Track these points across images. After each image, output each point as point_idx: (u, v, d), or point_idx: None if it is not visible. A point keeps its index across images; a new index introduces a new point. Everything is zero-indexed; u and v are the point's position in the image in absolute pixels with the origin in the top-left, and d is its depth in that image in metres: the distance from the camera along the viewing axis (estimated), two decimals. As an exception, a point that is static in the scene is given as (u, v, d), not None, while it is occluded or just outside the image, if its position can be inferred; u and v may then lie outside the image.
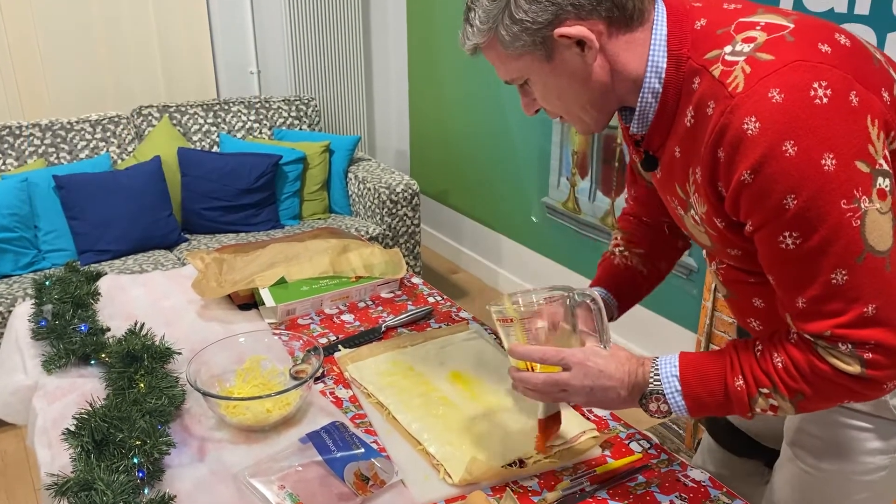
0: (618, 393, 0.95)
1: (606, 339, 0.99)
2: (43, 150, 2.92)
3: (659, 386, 0.93)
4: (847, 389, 0.85)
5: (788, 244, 0.81)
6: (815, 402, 0.87)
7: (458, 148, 3.66)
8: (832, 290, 0.80)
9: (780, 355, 0.87)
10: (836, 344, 0.82)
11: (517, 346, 0.98)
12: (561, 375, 0.95)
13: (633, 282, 1.21)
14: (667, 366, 0.93)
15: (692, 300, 2.52)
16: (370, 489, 1.02)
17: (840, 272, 0.79)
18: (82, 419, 1.02)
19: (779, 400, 0.87)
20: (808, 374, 0.85)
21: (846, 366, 0.82)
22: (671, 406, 0.93)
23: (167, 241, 2.90)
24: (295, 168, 3.12)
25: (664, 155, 0.95)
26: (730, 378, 0.89)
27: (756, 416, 0.90)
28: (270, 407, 1.16)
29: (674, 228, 1.22)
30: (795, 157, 0.76)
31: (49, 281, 1.52)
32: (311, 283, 1.57)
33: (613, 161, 2.72)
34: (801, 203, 0.78)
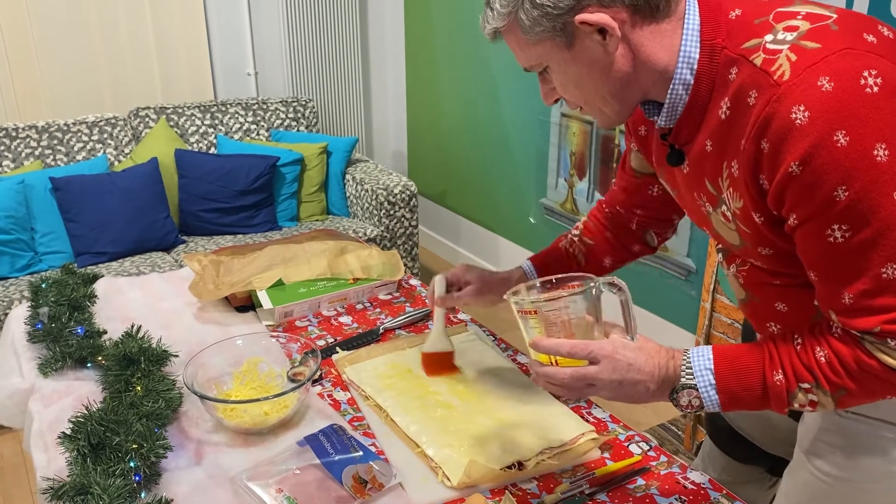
0: (647, 387, 0.91)
1: (634, 330, 0.94)
2: (39, 151, 2.91)
3: (692, 380, 0.89)
4: (893, 385, 0.82)
5: (837, 237, 0.78)
6: (857, 398, 0.84)
7: (455, 149, 3.66)
8: (882, 285, 0.78)
9: (823, 349, 0.84)
10: (885, 339, 0.79)
11: (542, 340, 0.92)
12: (588, 370, 0.90)
13: (561, 266, 1.22)
14: (700, 359, 0.89)
15: (691, 301, 2.52)
16: (368, 492, 1.02)
17: (891, 266, 0.76)
18: (78, 423, 1.01)
19: (819, 395, 0.84)
20: (853, 370, 0.82)
21: (894, 361, 0.80)
22: (703, 400, 0.89)
23: (164, 243, 2.89)
24: (292, 169, 3.12)
25: (693, 149, 0.91)
26: (769, 372, 0.86)
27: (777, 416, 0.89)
28: (268, 410, 1.16)
29: (641, 225, 1.23)
30: (847, 147, 0.74)
31: (45, 283, 1.51)
32: (308, 285, 1.57)
33: (612, 162, 2.71)
34: (852, 195, 0.75)
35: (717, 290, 2.17)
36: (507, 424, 1.15)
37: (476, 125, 3.46)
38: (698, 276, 2.47)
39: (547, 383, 0.93)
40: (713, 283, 2.17)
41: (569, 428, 1.14)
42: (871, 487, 0.97)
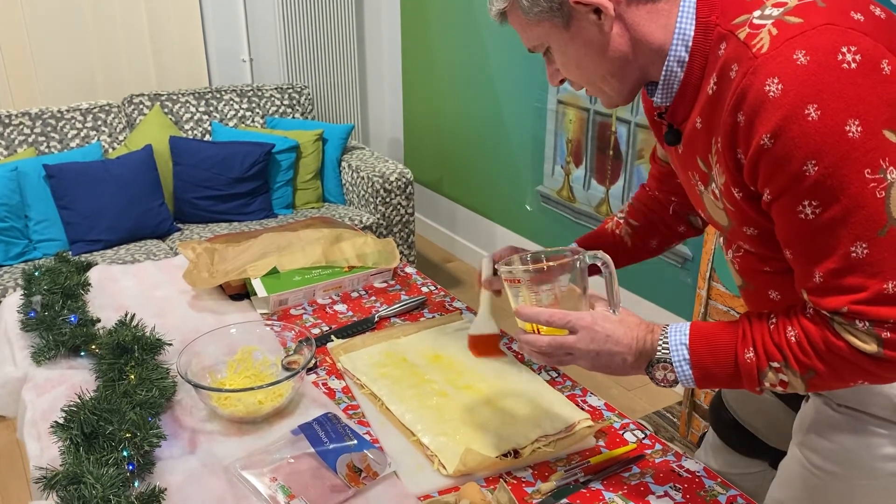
0: (624, 359, 0.92)
1: (616, 304, 0.96)
2: (33, 138, 2.89)
3: (667, 354, 0.90)
4: (862, 369, 0.82)
5: (807, 214, 0.78)
6: (827, 381, 0.84)
7: (452, 136, 3.64)
8: (851, 264, 0.77)
9: (794, 329, 0.84)
10: (853, 321, 0.79)
11: (524, 308, 0.95)
12: (567, 338, 0.93)
13: (611, 249, 1.20)
14: (677, 334, 0.90)
15: (686, 289, 2.52)
16: (363, 481, 1.02)
17: (860, 245, 0.76)
18: (71, 412, 1.01)
19: (789, 375, 0.84)
20: (822, 351, 0.82)
21: (863, 344, 0.79)
22: (678, 375, 0.90)
23: (159, 231, 2.88)
24: (288, 157, 3.10)
25: (687, 127, 0.91)
26: (740, 349, 0.86)
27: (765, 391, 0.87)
28: (262, 398, 1.15)
29: (678, 212, 1.21)
30: (818, 121, 0.73)
31: (38, 271, 1.50)
32: (303, 273, 1.56)
33: (608, 149, 2.70)
34: (821, 170, 0.75)
35: (714, 278, 2.17)
36: (503, 412, 1.15)
37: (473, 112, 3.44)
38: (694, 264, 2.47)
39: (530, 350, 0.96)
40: (709, 270, 2.17)
41: (564, 416, 1.13)
42: (860, 483, 0.97)
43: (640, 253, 1.24)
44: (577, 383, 1.27)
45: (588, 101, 2.75)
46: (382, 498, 1.00)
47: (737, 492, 1.01)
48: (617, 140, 2.66)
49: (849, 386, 0.87)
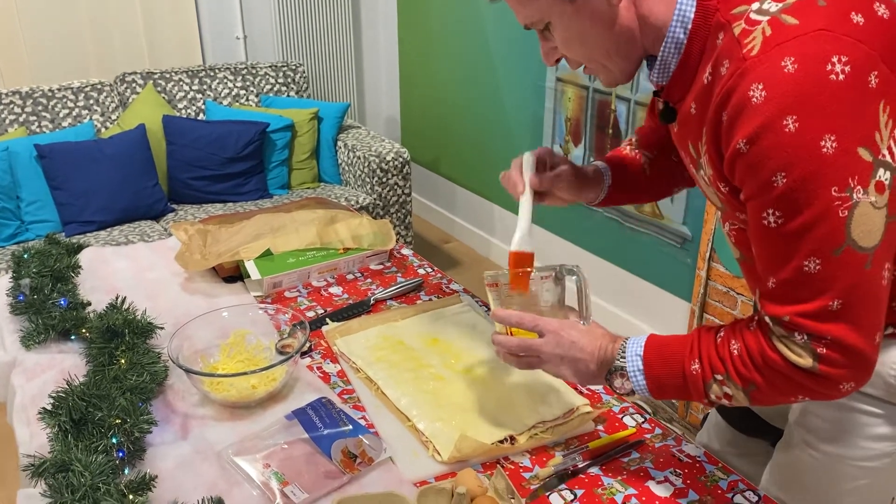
0: (587, 366, 0.95)
1: (587, 316, 1.01)
2: (24, 118, 2.84)
3: (623, 363, 0.93)
4: (798, 384, 0.82)
5: (770, 222, 0.78)
6: (767, 395, 0.85)
7: (449, 115, 3.60)
8: (802, 277, 0.78)
9: (736, 342, 0.85)
10: (792, 332, 0.80)
11: (497, 310, 1.01)
12: (534, 341, 0.97)
13: (635, 173, 1.18)
14: (634, 345, 0.93)
15: (686, 269, 2.50)
16: (358, 467, 1.00)
17: (814, 260, 0.77)
18: (59, 398, 0.99)
19: (732, 388, 0.86)
20: (759, 363, 0.83)
21: (797, 357, 0.80)
22: (633, 384, 0.93)
23: (153, 212, 2.85)
24: (283, 136, 3.06)
25: (682, 109, 0.91)
26: (687, 361, 0.88)
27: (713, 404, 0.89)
28: (256, 383, 1.13)
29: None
30: (794, 133, 0.73)
31: (27, 254, 1.47)
32: (297, 255, 1.53)
33: (607, 128, 2.67)
34: (789, 183, 0.74)
35: (714, 258, 2.15)
36: (500, 398, 1.13)
37: (470, 90, 3.40)
38: (694, 244, 2.44)
39: (502, 352, 1.01)
40: (709, 250, 2.15)
41: (563, 401, 1.12)
42: (855, 463, 0.98)
43: (654, 187, 1.21)
44: (575, 367, 1.25)
45: (587, 80, 2.71)
46: (378, 484, 0.98)
47: (738, 476, 1.00)
48: (616, 118, 2.62)
49: (790, 402, 0.88)
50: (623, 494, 0.97)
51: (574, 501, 0.96)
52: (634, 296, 2.73)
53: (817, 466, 1.01)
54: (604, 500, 0.96)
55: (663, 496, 0.97)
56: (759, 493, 0.97)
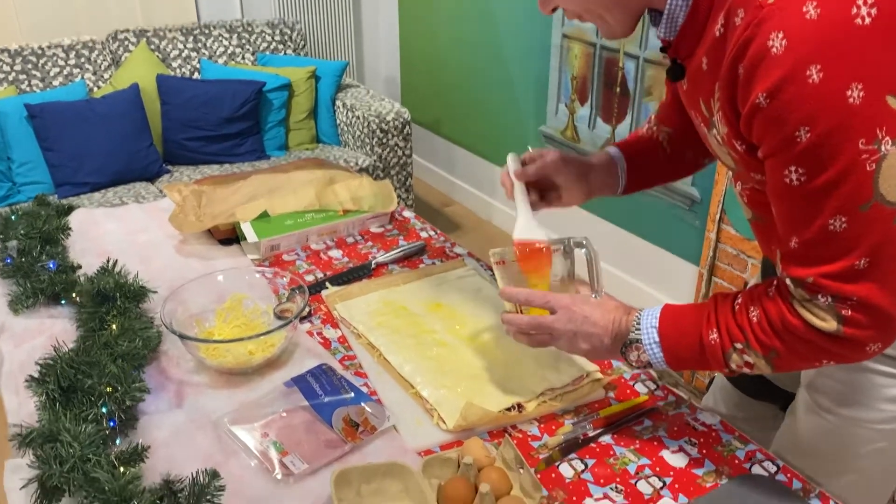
0: (601, 340, 0.93)
1: (599, 289, 0.98)
2: (13, 77, 2.76)
3: (639, 335, 0.90)
4: (820, 349, 0.79)
5: (793, 180, 0.74)
6: (790, 361, 0.82)
7: (451, 74, 3.51)
8: (827, 237, 0.74)
9: (755, 309, 0.82)
10: (815, 295, 0.77)
11: (506, 288, 0.98)
12: (545, 318, 0.94)
13: (651, 152, 1.14)
14: (648, 317, 0.90)
15: (694, 232, 2.45)
16: (360, 436, 0.96)
17: (839, 218, 0.72)
18: (47, 365, 0.94)
19: (752, 356, 0.83)
20: (779, 329, 0.80)
21: (820, 321, 0.77)
22: (650, 357, 0.90)
23: (148, 173, 2.79)
24: (279, 95, 2.98)
25: (692, 64, 0.86)
26: (705, 330, 0.85)
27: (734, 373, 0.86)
28: (253, 349, 1.09)
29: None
30: (819, 84, 0.68)
31: (15, 215, 1.42)
32: (295, 217, 1.48)
33: (615, 86, 2.59)
34: (813, 137, 0.70)
35: (724, 220, 2.10)
36: (507, 365, 1.09)
37: (473, 48, 3.30)
38: (703, 206, 2.39)
39: (512, 331, 0.98)
40: (719, 212, 2.10)
41: (572, 369, 1.07)
42: (871, 427, 0.96)
43: (678, 162, 1.16)
44: (584, 332, 1.20)
45: (594, 36, 2.63)
46: (381, 453, 0.94)
47: (756, 446, 0.96)
48: (625, 76, 2.54)
49: (814, 367, 0.85)
50: (636, 464, 0.93)
51: (585, 471, 0.92)
52: (641, 260, 2.69)
53: (831, 430, 0.99)
54: (616, 469, 0.92)
55: (678, 466, 0.93)
56: (778, 462, 0.93)
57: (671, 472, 0.92)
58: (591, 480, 0.91)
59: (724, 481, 0.90)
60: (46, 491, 0.80)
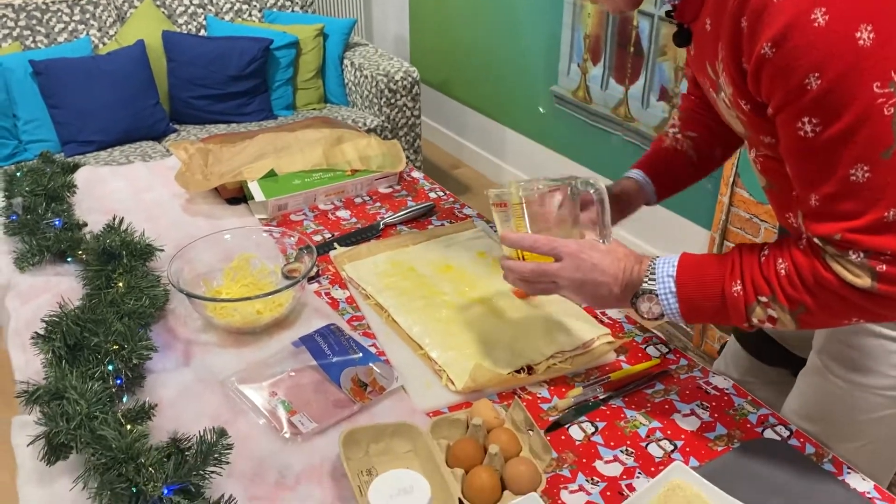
0: (610, 289, 0.88)
1: (607, 234, 0.92)
2: (17, 32, 2.72)
3: (653, 285, 0.85)
4: (854, 305, 0.75)
5: (807, 131, 0.70)
6: (818, 317, 0.78)
7: (461, 32, 3.44)
8: (849, 188, 0.71)
9: (784, 261, 0.78)
10: (846, 251, 0.73)
11: (508, 233, 0.92)
12: (550, 266, 0.89)
13: (678, 166, 1.12)
14: (664, 266, 0.85)
15: (707, 196, 2.41)
16: (368, 396, 0.95)
17: (861, 168, 0.69)
18: (52, 322, 0.94)
19: (777, 311, 0.79)
20: (810, 284, 0.76)
21: (854, 277, 0.73)
22: (663, 308, 0.85)
23: (155, 132, 2.76)
24: (287, 53, 2.93)
25: (697, 27, 0.83)
26: (728, 282, 0.81)
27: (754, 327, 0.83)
28: (261, 308, 1.08)
29: None
30: (825, 27, 0.65)
31: (20, 172, 1.40)
32: (303, 177, 1.46)
33: (629, 45, 2.53)
34: (824, 84, 0.67)
35: (737, 184, 2.06)
36: (517, 326, 1.08)
37: (483, 6, 3.23)
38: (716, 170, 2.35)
39: (513, 278, 0.93)
40: (733, 175, 2.06)
41: (582, 331, 1.06)
42: (883, 393, 0.94)
43: (706, 165, 1.15)
44: (595, 294, 1.19)
45: (608, -7, 2.56)
46: (389, 414, 0.94)
47: (768, 410, 0.95)
48: (639, 35, 2.48)
49: (843, 324, 0.81)
50: (647, 427, 0.92)
51: (595, 434, 0.91)
52: (653, 223, 2.65)
53: (843, 395, 0.97)
54: (626, 432, 0.92)
55: (689, 429, 0.92)
56: (791, 427, 0.92)
57: (682, 436, 0.91)
58: (602, 443, 0.90)
59: (736, 445, 0.89)
60: (53, 447, 0.80)
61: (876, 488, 0.84)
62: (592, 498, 0.83)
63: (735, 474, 0.83)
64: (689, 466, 0.81)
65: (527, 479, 0.80)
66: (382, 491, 0.59)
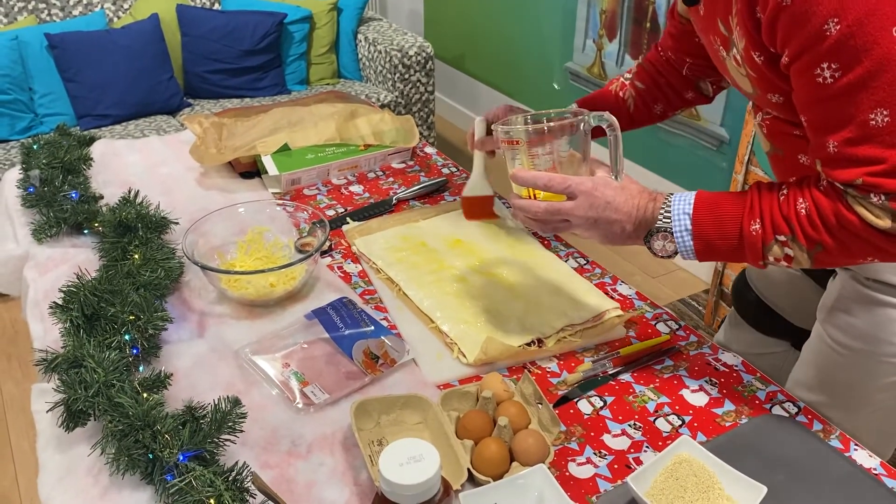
0: (623, 227, 0.87)
1: (619, 170, 0.89)
2: (33, 5, 2.73)
3: (668, 224, 0.85)
4: (872, 246, 0.77)
5: (826, 77, 0.71)
6: (835, 256, 0.79)
7: (475, 7, 3.41)
8: (869, 133, 0.71)
9: (805, 201, 0.79)
10: (867, 194, 0.74)
11: (520, 171, 0.89)
12: (564, 204, 0.87)
13: (612, 112, 1.13)
14: (680, 202, 0.85)
15: (722, 174, 2.40)
16: (380, 368, 0.97)
17: (881, 112, 0.70)
18: (70, 292, 0.95)
19: (795, 249, 0.80)
20: (832, 225, 0.77)
21: (876, 219, 0.74)
22: (678, 246, 0.85)
23: (169, 106, 2.77)
24: (301, 28, 2.92)
25: None
26: (746, 221, 0.81)
27: (768, 266, 0.84)
28: (274, 281, 1.09)
29: (690, 76, 1.13)
30: None
31: (37, 145, 1.42)
32: (316, 151, 1.46)
33: (645, 21, 2.50)
34: (844, 29, 0.67)
35: (752, 162, 2.04)
36: (527, 300, 1.08)
37: (498, -19, 3.20)
38: (731, 147, 2.33)
39: (525, 217, 0.91)
40: (748, 153, 2.04)
41: (592, 304, 1.07)
42: (884, 359, 0.95)
43: (642, 118, 1.17)
44: (606, 271, 1.19)
45: (625, -32, 2.53)
46: (400, 386, 0.95)
47: (777, 387, 0.95)
48: (655, 11, 2.45)
49: (857, 263, 0.83)
50: (655, 402, 0.93)
51: (604, 408, 0.92)
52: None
53: (849, 365, 0.98)
54: (635, 407, 0.92)
55: (697, 405, 0.93)
56: (799, 404, 0.93)
57: (690, 411, 0.92)
58: (610, 417, 0.91)
59: (744, 421, 0.90)
60: (72, 414, 0.81)
61: (882, 465, 0.84)
62: (600, 471, 0.84)
63: (742, 449, 0.84)
64: (696, 441, 0.82)
65: (535, 452, 0.81)
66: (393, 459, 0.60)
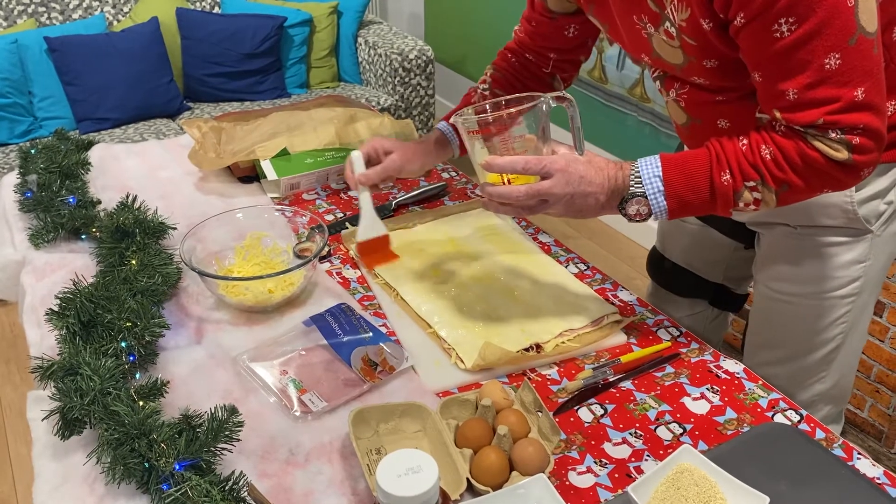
0: (597, 199, 0.91)
1: (581, 145, 0.92)
2: (33, 9, 2.73)
3: (640, 189, 0.90)
4: (832, 178, 0.84)
5: (783, 31, 0.78)
6: (798, 193, 0.87)
7: (476, 11, 3.41)
8: (825, 76, 0.79)
9: (768, 146, 0.85)
10: (826, 131, 0.81)
11: (496, 159, 0.90)
12: (542, 184, 0.89)
13: None
14: (648, 167, 0.90)
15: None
16: (379, 375, 0.96)
17: (834, 56, 0.78)
18: (66, 299, 0.95)
19: (764, 192, 0.86)
20: (798, 165, 0.84)
21: (835, 153, 0.82)
22: (652, 207, 0.90)
23: (169, 110, 2.77)
24: (301, 31, 2.92)
25: None
26: (716, 173, 0.87)
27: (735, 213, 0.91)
28: (272, 287, 1.09)
29: (555, 70, 1.19)
30: None
31: (35, 149, 1.41)
32: (315, 156, 1.46)
33: (645, 25, 2.50)
34: None
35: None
36: (526, 305, 1.08)
37: (498, -16, 3.20)
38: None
39: (499, 204, 0.92)
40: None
41: (591, 309, 1.06)
42: (834, 295, 1.03)
43: None
44: (607, 276, 1.18)
45: (625, -29, 2.52)
46: (399, 393, 0.94)
47: (779, 395, 0.95)
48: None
49: (814, 196, 0.90)
50: (656, 410, 0.92)
51: (604, 416, 0.91)
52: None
53: (801, 311, 1.05)
54: (636, 415, 0.92)
55: (699, 413, 0.92)
56: (802, 412, 0.92)
57: (692, 419, 0.91)
58: (611, 425, 0.90)
59: (746, 429, 0.89)
60: (68, 422, 0.81)
61: (885, 474, 0.83)
62: (600, 480, 0.83)
63: (744, 458, 0.83)
64: (697, 450, 0.81)
65: (535, 461, 0.80)
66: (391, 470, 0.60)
